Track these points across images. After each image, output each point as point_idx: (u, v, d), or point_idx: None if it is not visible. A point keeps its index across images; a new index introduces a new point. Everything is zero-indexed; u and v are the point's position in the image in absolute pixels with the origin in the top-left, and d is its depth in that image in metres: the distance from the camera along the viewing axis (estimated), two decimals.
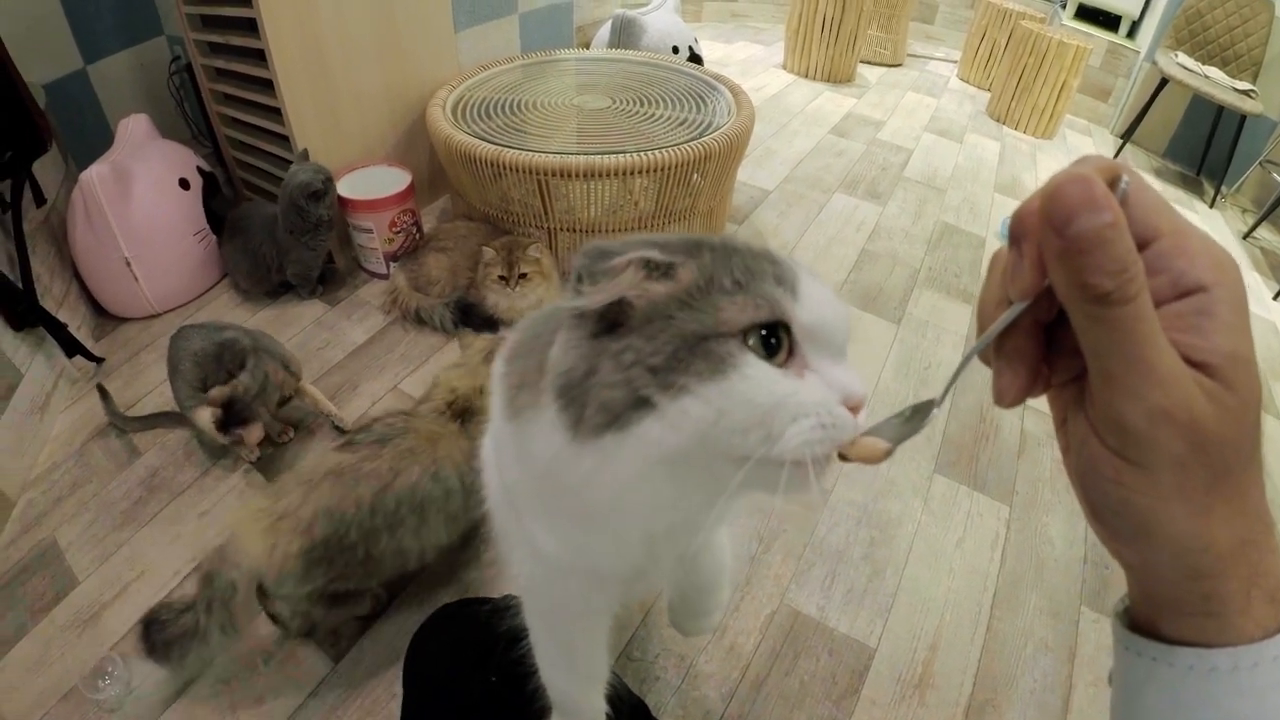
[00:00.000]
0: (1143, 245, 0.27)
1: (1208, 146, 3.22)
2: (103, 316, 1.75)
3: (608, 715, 0.65)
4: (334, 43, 1.69)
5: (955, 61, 3.85)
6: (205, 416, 1.30)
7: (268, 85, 1.65)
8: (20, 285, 1.41)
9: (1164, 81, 2.95)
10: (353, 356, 1.65)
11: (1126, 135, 3.18)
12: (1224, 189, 3.05)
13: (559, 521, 0.47)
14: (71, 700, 1.04)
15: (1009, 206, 2.55)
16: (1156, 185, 3.05)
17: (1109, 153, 3.24)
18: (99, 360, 1.60)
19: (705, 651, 1.13)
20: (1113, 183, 0.27)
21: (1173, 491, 0.27)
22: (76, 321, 1.60)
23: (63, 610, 1.15)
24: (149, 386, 1.54)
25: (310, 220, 1.63)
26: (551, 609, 0.59)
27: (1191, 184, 3.22)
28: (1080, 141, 3.34)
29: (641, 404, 0.35)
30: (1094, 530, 0.31)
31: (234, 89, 1.81)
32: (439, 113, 1.84)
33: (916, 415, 0.35)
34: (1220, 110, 3.02)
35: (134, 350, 1.65)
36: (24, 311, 1.40)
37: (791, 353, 0.36)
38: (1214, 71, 2.91)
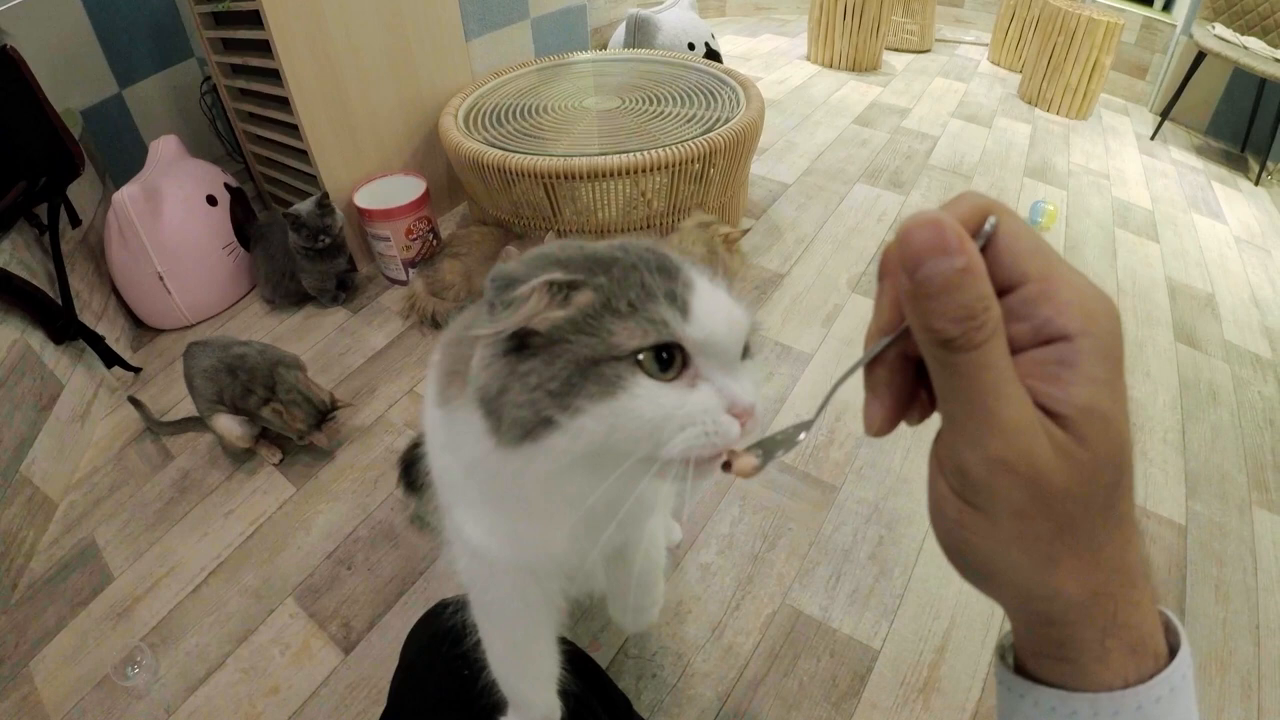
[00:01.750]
0: (1009, 289, 0.27)
1: (1251, 121, 3.07)
2: (140, 328, 1.84)
3: (562, 710, 0.68)
4: (346, 59, 1.75)
5: (986, 45, 3.74)
6: (223, 424, 1.37)
7: (285, 103, 1.72)
8: (60, 302, 1.49)
9: (1201, 55, 2.83)
10: (372, 361, 1.70)
11: (1165, 113, 3.06)
12: (1269, 165, 2.91)
13: (488, 509, 0.51)
14: (104, 688, 1.11)
15: (1039, 191, 2.48)
16: (1198, 164, 2.94)
17: (1147, 131, 3.13)
18: (136, 370, 1.68)
19: (702, 650, 1.14)
20: (981, 223, 0.27)
21: (1013, 539, 0.27)
22: (115, 334, 1.69)
23: (99, 604, 1.23)
24: (185, 393, 1.60)
25: (301, 244, 1.70)
26: (493, 604, 0.61)
27: (1235, 161, 3.08)
28: (1117, 121, 3.22)
29: (546, 422, 0.38)
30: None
31: (256, 108, 1.88)
32: (450, 121, 1.88)
33: (795, 432, 0.37)
34: (1263, 83, 2.88)
35: (169, 359, 1.73)
36: (64, 326, 1.49)
37: (686, 364, 0.38)
38: (1253, 42, 2.78)
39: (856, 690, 1.10)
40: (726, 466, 0.38)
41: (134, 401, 1.54)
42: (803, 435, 0.37)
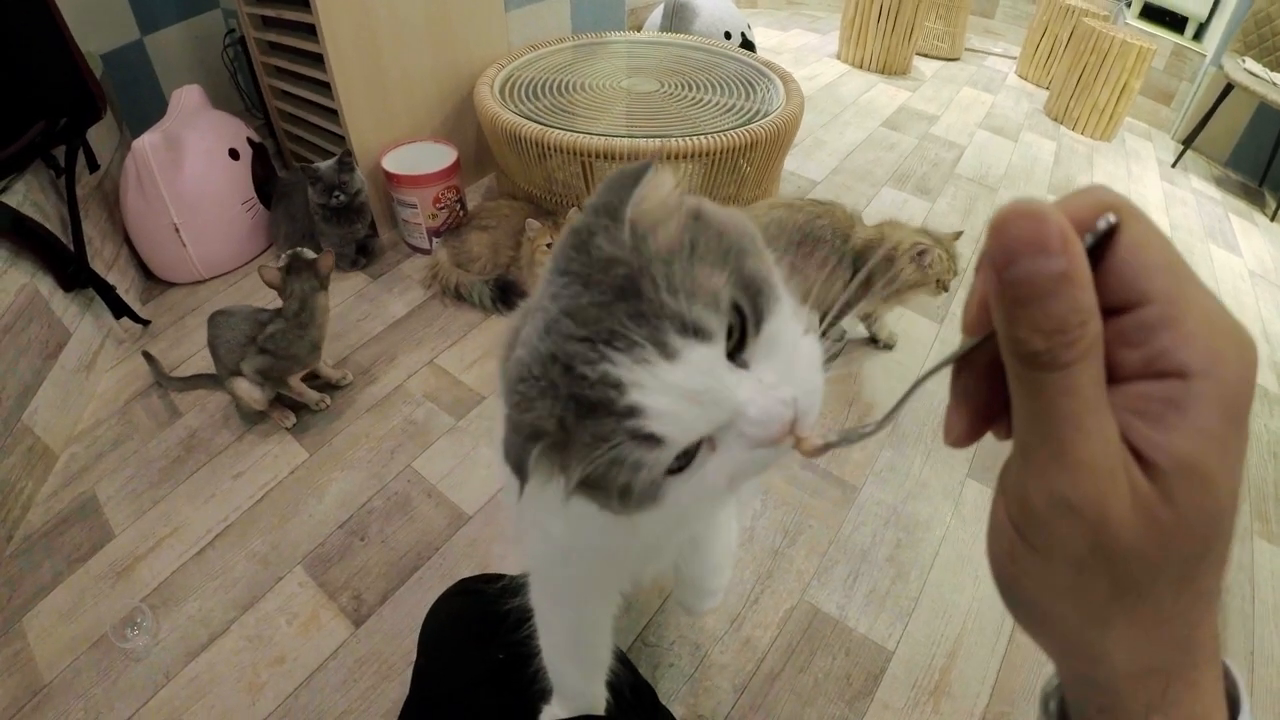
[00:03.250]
0: (1126, 308, 0.22)
1: (1272, 157, 3.07)
2: (151, 280, 1.80)
3: (608, 701, 0.65)
4: (384, 18, 1.70)
5: (1014, 58, 3.73)
6: (243, 387, 1.34)
7: (318, 60, 1.67)
8: (72, 247, 1.45)
9: (1229, 87, 2.82)
10: (392, 329, 1.67)
11: (1188, 141, 3.06)
12: None
13: (573, 521, 0.48)
14: (100, 648, 1.08)
15: None
16: (1217, 195, 2.93)
17: (1169, 158, 3.12)
18: (145, 322, 1.64)
19: (721, 642, 1.13)
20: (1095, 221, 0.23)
21: (1064, 590, 0.24)
22: (125, 284, 1.65)
23: (97, 561, 1.19)
24: (193, 349, 1.58)
25: (317, 200, 1.67)
26: (562, 590, 0.59)
27: (1253, 195, 3.08)
28: (1140, 145, 3.21)
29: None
30: None
31: (285, 62, 1.84)
32: (486, 91, 1.85)
33: (872, 429, 0.33)
34: None
35: (180, 314, 1.70)
36: (75, 273, 1.44)
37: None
38: None
39: (870, 690, 1.09)
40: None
41: (147, 356, 1.49)
42: (870, 431, 0.32)
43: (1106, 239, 0.22)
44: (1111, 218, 0.22)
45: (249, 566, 1.19)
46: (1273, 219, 2.89)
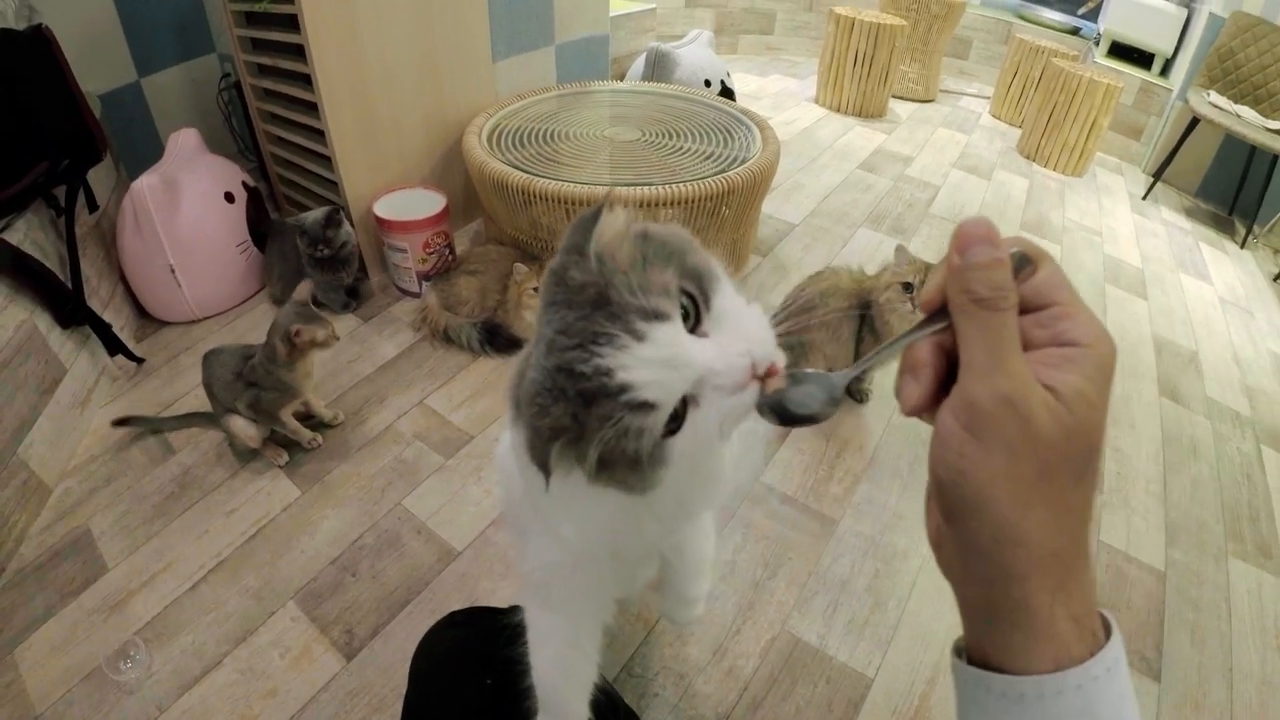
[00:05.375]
0: (1040, 308, 0.35)
1: (1240, 186, 3.18)
2: (145, 319, 1.83)
3: None
4: (377, 69, 1.77)
5: (988, 98, 3.85)
6: (238, 424, 1.37)
7: (312, 107, 1.73)
8: (70, 285, 1.48)
9: (1195, 120, 2.93)
10: (382, 371, 1.70)
11: (1158, 174, 3.16)
12: (1256, 229, 3.02)
13: (586, 517, 0.54)
14: (93, 680, 1.09)
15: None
16: (1187, 225, 3.04)
17: (1139, 191, 3.23)
18: (139, 360, 1.67)
19: (704, 672, 1.15)
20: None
21: (1000, 475, 0.32)
22: (120, 322, 1.68)
23: (90, 595, 1.21)
24: (187, 388, 1.61)
25: (304, 250, 1.72)
26: (563, 599, 0.63)
27: (1223, 224, 3.18)
28: (1111, 180, 3.31)
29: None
30: (934, 515, 0.37)
31: (280, 109, 1.89)
32: (474, 140, 1.90)
33: (829, 389, 0.42)
34: (1253, 150, 2.99)
35: (174, 353, 1.73)
36: (71, 310, 1.47)
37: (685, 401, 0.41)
38: (1246, 110, 2.89)
39: (850, 717, 1.12)
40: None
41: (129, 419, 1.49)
42: (831, 382, 0.42)
43: (1018, 262, 0.35)
44: (1015, 249, 0.35)
45: (242, 601, 1.21)
46: (1242, 246, 2.98)
